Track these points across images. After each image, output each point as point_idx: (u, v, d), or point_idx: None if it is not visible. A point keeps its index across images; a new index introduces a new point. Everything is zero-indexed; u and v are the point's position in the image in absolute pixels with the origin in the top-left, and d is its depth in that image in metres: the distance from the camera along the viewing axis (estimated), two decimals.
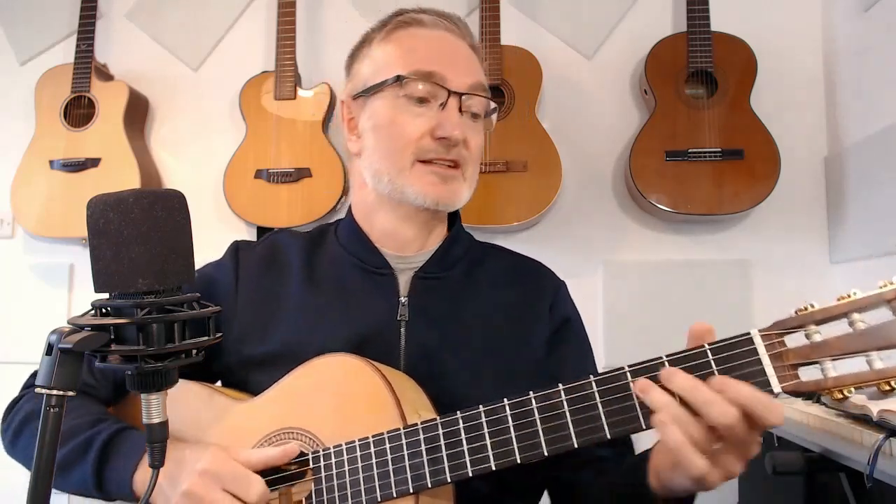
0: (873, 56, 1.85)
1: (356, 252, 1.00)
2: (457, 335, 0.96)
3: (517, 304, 1.02)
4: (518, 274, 1.06)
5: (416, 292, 0.98)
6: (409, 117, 0.95)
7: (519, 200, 1.96)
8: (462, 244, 1.06)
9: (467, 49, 1.01)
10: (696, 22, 1.99)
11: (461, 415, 0.77)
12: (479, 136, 1.00)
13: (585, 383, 0.73)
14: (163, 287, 0.65)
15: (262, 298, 0.99)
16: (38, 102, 2.19)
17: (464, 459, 0.76)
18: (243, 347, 0.96)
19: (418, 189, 0.94)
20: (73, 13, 2.24)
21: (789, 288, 2.01)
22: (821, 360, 0.66)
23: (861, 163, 1.86)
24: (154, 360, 0.65)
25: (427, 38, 0.99)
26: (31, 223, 2.14)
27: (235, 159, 2.11)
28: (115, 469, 0.85)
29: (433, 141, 0.94)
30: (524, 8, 2.19)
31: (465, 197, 0.98)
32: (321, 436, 0.84)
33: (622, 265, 2.08)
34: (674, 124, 1.95)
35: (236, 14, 2.32)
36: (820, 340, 0.67)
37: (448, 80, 0.94)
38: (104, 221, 0.63)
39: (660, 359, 0.71)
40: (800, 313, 0.68)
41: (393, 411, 0.81)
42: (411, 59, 0.96)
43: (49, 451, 0.60)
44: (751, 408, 0.65)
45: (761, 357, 0.68)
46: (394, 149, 0.95)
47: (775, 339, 0.68)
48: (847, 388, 0.65)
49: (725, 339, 0.70)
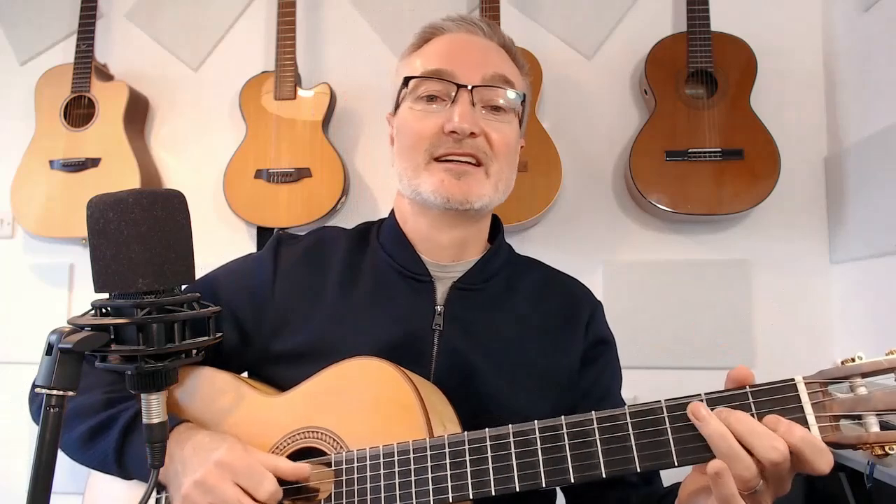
0: (873, 56, 1.85)
1: (397, 256, 1.00)
2: (490, 345, 0.95)
3: (554, 317, 1.01)
4: (556, 288, 1.06)
5: (452, 302, 0.97)
6: (423, 116, 0.95)
7: (519, 200, 1.96)
8: (502, 256, 1.05)
9: (489, 45, 1.00)
10: (696, 22, 1.99)
11: (489, 433, 0.76)
12: (505, 129, 0.96)
13: (619, 414, 0.72)
14: (163, 287, 0.65)
15: (300, 295, 0.98)
16: (38, 102, 2.19)
17: (488, 478, 0.74)
18: (274, 342, 0.96)
19: (430, 186, 0.93)
20: (73, 13, 2.24)
21: (789, 288, 2.02)
22: (864, 414, 0.65)
23: (861, 163, 1.86)
24: (154, 360, 0.65)
25: (443, 42, 0.99)
26: (31, 223, 2.14)
27: (235, 159, 2.11)
28: (136, 448, 0.85)
29: (445, 136, 0.93)
30: (524, 8, 2.19)
31: (486, 195, 0.94)
32: (345, 438, 0.83)
33: (622, 265, 2.08)
34: (674, 124, 1.95)
35: (236, 14, 2.32)
36: (865, 394, 0.66)
37: (457, 75, 0.94)
38: (104, 221, 0.63)
39: (698, 396, 0.70)
40: (846, 364, 0.67)
41: (420, 421, 0.79)
42: (423, 63, 0.97)
43: (49, 451, 0.60)
44: (801, 449, 0.64)
45: (804, 405, 0.67)
46: (409, 147, 0.95)
47: (819, 389, 0.67)
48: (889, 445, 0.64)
49: (768, 384, 0.69)
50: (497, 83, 0.95)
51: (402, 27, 2.22)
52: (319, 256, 1.02)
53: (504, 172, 0.97)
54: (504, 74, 0.96)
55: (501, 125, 0.96)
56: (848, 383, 0.67)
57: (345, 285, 0.98)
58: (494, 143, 0.94)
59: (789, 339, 1.98)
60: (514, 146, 0.99)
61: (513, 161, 0.99)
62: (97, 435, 0.88)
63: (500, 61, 0.99)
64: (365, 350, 0.88)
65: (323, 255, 1.02)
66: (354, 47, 2.26)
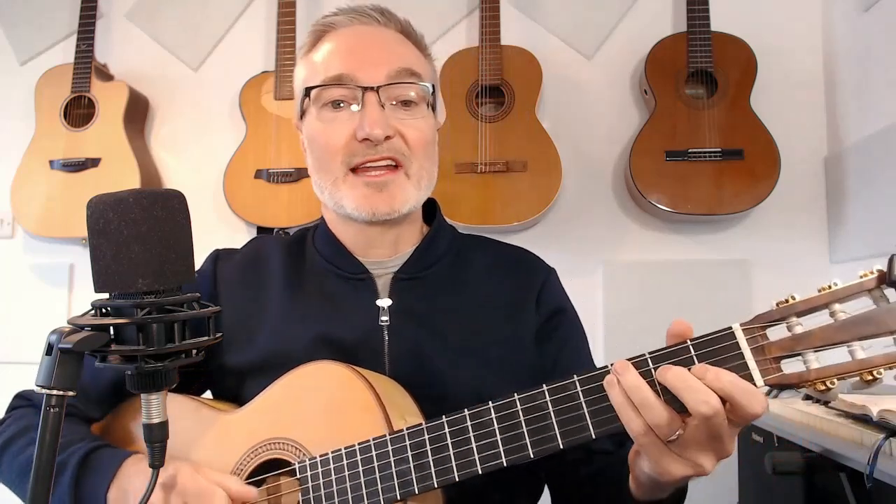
0: (873, 56, 1.85)
1: (332, 259, 0.98)
2: (442, 333, 0.94)
3: (504, 296, 0.99)
4: (504, 265, 1.03)
5: (396, 295, 0.95)
6: (332, 125, 0.92)
7: (519, 200, 1.96)
8: (444, 240, 1.02)
9: (389, 36, 0.95)
10: (696, 22, 1.99)
11: (446, 419, 0.76)
12: (420, 125, 0.93)
13: (569, 383, 0.73)
14: (163, 287, 0.65)
15: (243, 307, 0.97)
16: (38, 102, 2.19)
17: (450, 464, 0.75)
18: (227, 357, 0.95)
19: (352, 202, 0.91)
20: (73, 13, 2.24)
21: (789, 288, 1.98)
22: (803, 352, 0.66)
23: (861, 163, 1.86)
24: (154, 360, 0.65)
25: (339, 40, 0.95)
26: (31, 223, 2.14)
27: (235, 159, 2.11)
28: (90, 487, 0.83)
29: (359, 143, 0.90)
30: (524, 8, 2.19)
31: (411, 198, 0.93)
32: (308, 445, 0.83)
33: (622, 265, 2.08)
34: (674, 124, 1.95)
35: (236, 14, 2.32)
36: (802, 332, 0.66)
37: (359, 77, 0.90)
38: (104, 221, 0.63)
39: (643, 356, 0.70)
40: (781, 305, 0.68)
41: (379, 418, 0.80)
42: (321, 69, 0.93)
43: (49, 452, 0.60)
44: (731, 394, 0.64)
45: (743, 351, 0.67)
46: (324, 160, 0.93)
47: (757, 333, 0.68)
48: (830, 379, 0.64)
49: (707, 335, 0.69)
50: (403, 78, 0.91)
51: None
52: (258, 268, 1.00)
53: (425, 168, 0.95)
54: (409, 67, 0.92)
55: (415, 121, 0.93)
56: (785, 324, 0.68)
57: (289, 293, 0.97)
58: (411, 141, 0.92)
59: None
60: (432, 138, 0.96)
61: (432, 153, 0.97)
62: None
63: (403, 52, 0.95)
64: (318, 356, 0.87)
65: (262, 266, 1.01)
66: None
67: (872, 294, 0.64)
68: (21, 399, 1.00)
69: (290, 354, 0.89)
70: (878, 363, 0.63)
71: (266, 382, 0.88)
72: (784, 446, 1.25)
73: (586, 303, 2.04)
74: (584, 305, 1.11)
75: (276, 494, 0.84)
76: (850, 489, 1.03)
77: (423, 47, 0.99)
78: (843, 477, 1.04)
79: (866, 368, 0.63)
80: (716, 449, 0.68)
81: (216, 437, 0.89)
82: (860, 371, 0.63)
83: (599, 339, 2.03)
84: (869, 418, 1.01)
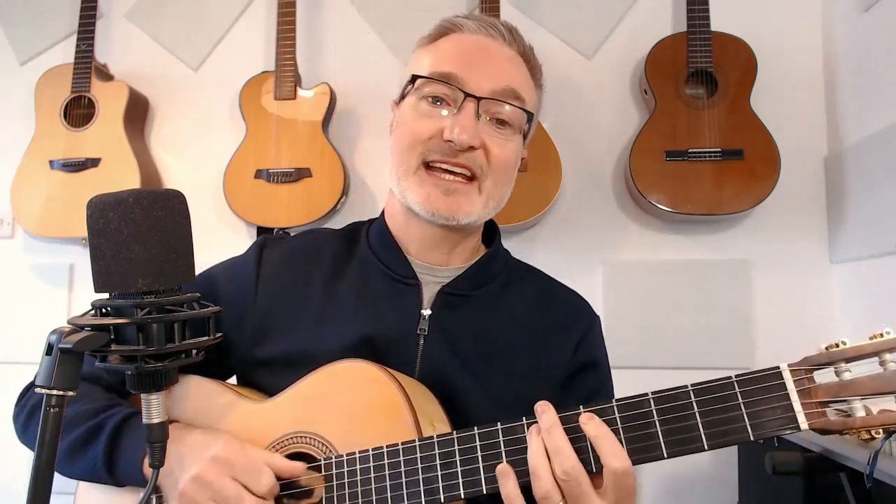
0: (873, 56, 1.85)
1: (384, 258, 0.98)
2: (473, 356, 0.93)
3: (544, 331, 0.98)
4: (550, 300, 1.02)
5: (438, 307, 0.95)
6: (423, 117, 0.92)
7: (519, 200, 1.96)
8: (498, 263, 1.02)
9: (508, 55, 0.95)
10: (696, 22, 1.99)
11: (478, 431, 0.76)
12: (507, 146, 0.92)
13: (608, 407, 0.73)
14: (163, 287, 0.65)
15: (283, 300, 0.97)
16: (38, 102, 2.19)
17: (479, 477, 0.74)
18: (258, 348, 0.95)
19: (417, 197, 0.91)
20: (73, 13, 2.24)
21: (789, 288, 2.02)
22: (850, 399, 0.65)
23: (861, 163, 1.86)
24: (154, 360, 0.65)
25: (461, 42, 0.95)
26: (31, 223, 2.14)
27: (235, 159, 2.11)
28: (126, 453, 0.85)
29: (443, 142, 0.89)
30: (524, 8, 2.19)
31: (475, 212, 0.92)
32: (334, 442, 0.83)
33: (622, 265, 2.08)
34: (674, 124, 1.95)
35: (236, 14, 2.32)
36: (850, 379, 0.66)
37: (466, 82, 0.90)
38: (104, 221, 0.63)
39: (685, 388, 0.70)
40: (830, 349, 0.67)
41: (408, 422, 0.79)
42: (435, 62, 0.93)
43: (49, 451, 0.60)
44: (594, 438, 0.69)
45: (789, 392, 0.67)
46: (404, 147, 0.93)
47: (804, 375, 0.67)
48: (875, 429, 0.64)
49: (753, 372, 0.69)
50: (507, 98, 0.92)
51: (402, 27, 2.22)
52: (305, 259, 1.00)
53: (498, 189, 0.94)
54: (515, 89, 0.92)
55: (504, 141, 0.92)
56: (833, 369, 0.67)
57: (330, 287, 0.97)
58: (493, 159, 0.91)
59: (789, 340, 1.97)
60: (514, 163, 0.96)
61: (510, 177, 0.96)
62: (85, 444, 0.86)
63: (515, 73, 0.95)
64: (349, 354, 0.87)
65: (309, 258, 1.00)
66: (354, 47, 2.26)
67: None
68: None
69: (324, 351, 0.89)
70: None
71: (296, 376, 0.88)
72: (784, 446, 1.25)
73: None
74: None
75: (301, 489, 0.84)
76: (850, 489, 1.03)
77: (537, 76, 1.00)
78: (843, 477, 1.04)
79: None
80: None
81: (244, 424, 0.88)
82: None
83: None
84: None
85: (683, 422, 0.69)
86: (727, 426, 0.68)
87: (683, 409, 0.69)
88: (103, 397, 0.93)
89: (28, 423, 0.95)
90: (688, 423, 0.69)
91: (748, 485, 1.48)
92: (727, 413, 0.68)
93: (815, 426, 0.66)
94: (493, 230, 1.06)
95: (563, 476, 0.69)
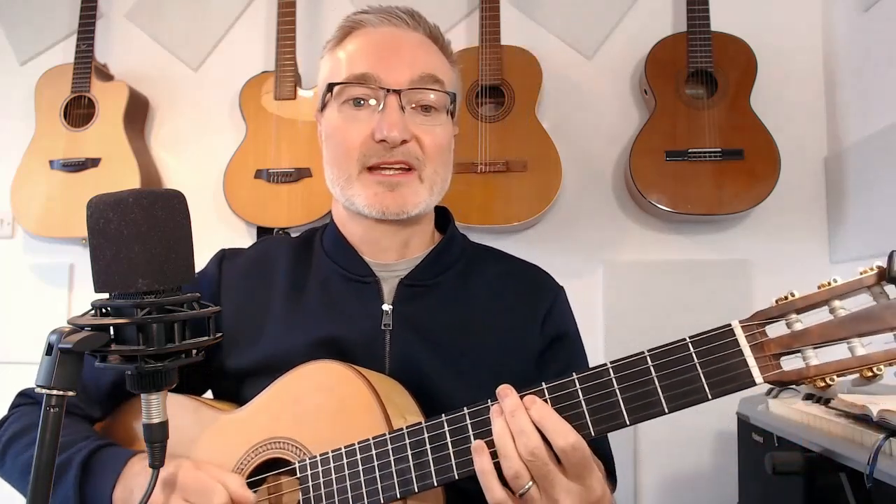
0: (873, 56, 1.85)
1: (339, 260, 0.98)
2: (443, 344, 0.94)
3: (510, 312, 0.98)
4: (513, 280, 1.02)
5: (401, 300, 0.95)
6: (352, 123, 0.92)
7: (519, 200, 1.96)
8: (455, 249, 1.02)
9: (417, 40, 0.96)
10: (696, 22, 1.99)
11: (446, 417, 0.77)
12: (437, 131, 0.94)
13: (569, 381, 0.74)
14: (163, 287, 0.65)
15: (247, 309, 0.97)
16: (38, 102, 2.19)
17: (450, 462, 0.76)
18: (228, 359, 0.95)
19: (363, 200, 0.92)
20: (73, 13, 2.24)
21: (789, 288, 2.00)
22: (802, 349, 0.66)
23: (861, 163, 1.86)
24: (154, 360, 0.65)
25: (367, 39, 0.95)
26: (31, 223, 2.14)
27: (235, 159, 2.11)
28: (95, 486, 0.83)
29: (375, 144, 0.90)
30: (524, 8, 2.19)
31: (422, 201, 0.93)
32: (308, 444, 0.83)
33: (622, 265, 2.08)
34: (674, 124, 1.95)
35: (236, 14, 2.32)
36: (801, 329, 0.66)
37: (383, 78, 0.91)
38: (104, 221, 0.63)
39: (641, 354, 0.71)
40: (780, 302, 0.68)
41: (379, 417, 0.80)
42: (348, 65, 0.94)
43: (49, 452, 0.61)
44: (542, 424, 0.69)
45: (742, 348, 0.68)
46: (340, 156, 0.94)
47: (756, 330, 0.68)
48: (830, 375, 0.64)
49: (706, 332, 0.69)
50: (426, 84, 0.92)
51: None
52: (263, 268, 1.00)
53: (439, 174, 0.95)
54: (432, 73, 0.93)
55: (433, 127, 0.94)
56: (784, 321, 0.67)
57: (292, 295, 0.97)
58: (427, 147, 0.92)
59: None
60: (448, 145, 0.97)
61: (447, 160, 0.98)
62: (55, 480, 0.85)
63: (428, 57, 0.95)
64: (318, 357, 0.87)
65: (267, 267, 1.00)
66: None
67: (872, 290, 0.64)
68: (24, 397, 1.00)
69: (291, 357, 0.89)
70: (878, 359, 0.63)
71: (267, 384, 0.88)
72: (784, 446, 1.25)
73: (586, 303, 2.05)
74: (584, 305, 1.11)
75: (277, 494, 0.84)
76: (850, 489, 1.03)
77: (448, 54, 1.00)
78: (843, 477, 1.04)
79: (866, 365, 0.63)
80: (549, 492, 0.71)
81: (217, 436, 0.89)
82: (860, 367, 0.63)
83: (599, 339, 2.03)
84: (869, 418, 1.01)
85: (643, 387, 0.70)
86: (685, 387, 0.69)
87: (642, 374, 0.70)
88: (75, 430, 0.90)
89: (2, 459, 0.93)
90: (647, 389, 0.70)
91: (748, 485, 1.48)
92: (684, 374, 0.69)
93: (769, 379, 0.66)
94: (446, 216, 1.06)
95: (529, 457, 0.70)
